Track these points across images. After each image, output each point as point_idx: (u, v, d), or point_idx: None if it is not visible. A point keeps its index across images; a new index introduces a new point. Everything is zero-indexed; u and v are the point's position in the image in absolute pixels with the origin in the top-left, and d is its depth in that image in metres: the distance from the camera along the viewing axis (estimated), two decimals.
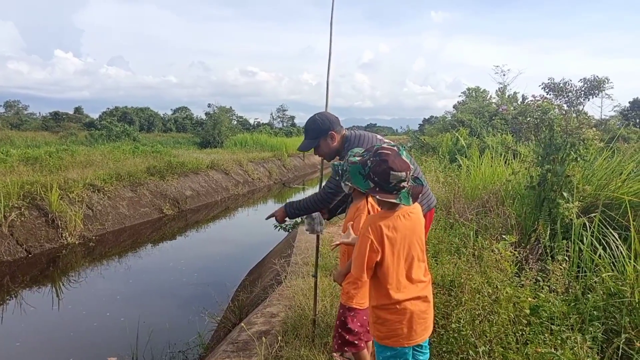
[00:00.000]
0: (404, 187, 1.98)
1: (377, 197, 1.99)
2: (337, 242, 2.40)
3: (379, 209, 2.19)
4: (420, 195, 2.09)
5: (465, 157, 10.18)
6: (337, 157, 3.03)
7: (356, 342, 2.61)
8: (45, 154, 13.14)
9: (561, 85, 17.77)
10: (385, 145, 2.05)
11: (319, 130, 2.97)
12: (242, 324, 3.57)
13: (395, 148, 2.02)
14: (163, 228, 11.54)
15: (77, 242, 9.21)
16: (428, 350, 2.26)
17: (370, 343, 2.75)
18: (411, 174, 2.00)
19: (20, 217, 8.65)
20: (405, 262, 2.08)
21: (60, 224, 9.12)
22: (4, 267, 7.71)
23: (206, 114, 33.48)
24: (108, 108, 35.08)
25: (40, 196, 9.25)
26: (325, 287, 4.07)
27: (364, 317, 2.60)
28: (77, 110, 37.13)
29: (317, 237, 3.31)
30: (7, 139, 20.56)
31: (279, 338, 3.18)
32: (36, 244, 8.56)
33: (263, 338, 3.07)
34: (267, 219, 3.30)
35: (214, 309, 5.56)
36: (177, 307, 6.33)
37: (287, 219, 3.19)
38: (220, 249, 9.92)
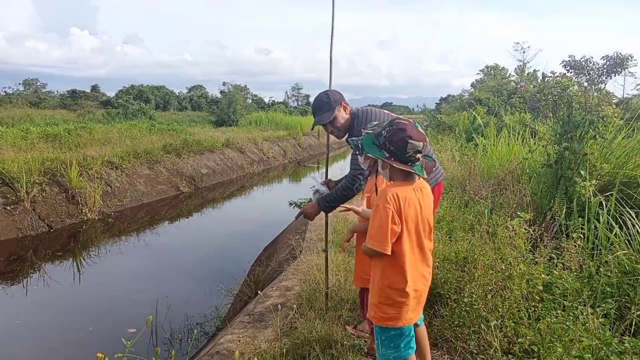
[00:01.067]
0: (418, 159, 1.99)
1: (394, 165, 1.99)
2: (347, 206, 2.42)
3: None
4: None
5: (482, 136, 10.07)
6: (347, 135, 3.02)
7: None
8: (64, 132, 13.33)
9: (582, 62, 17.33)
10: (400, 117, 2.07)
11: (333, 102, 2.96)
12: (260, 294, 3.65)
13: (411, 120, 2.04)
14: (180, 205, 11.71)
15: (96, 218, 9.41)
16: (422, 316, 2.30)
17: None
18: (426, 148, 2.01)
19: (41, 192, 8.86)
20: (417, 237, 2.08)
21: (80, 200, 9.32)
22: (27, 242, 7.94)
23: (221, 92, 33.54)
24: (124, 86, 35.21)
25: (60, 173, 9.45)
26: (340, 262, 4.13)
27: None
28: (94, 88, 37.40)
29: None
30: (27, 116, 20.84)
31: (294, 310, 3.26)
32: (57, 219, 8.77)
33: (278, 309, 3.15)
34: (296, 218, 3.27)
35: (230, 284, 5.68)
36: (195, 282, 6.47)
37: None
38: (236, 226, 10.05)
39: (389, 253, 1.99)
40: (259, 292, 3.65)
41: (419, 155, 1.98)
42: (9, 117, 19.66)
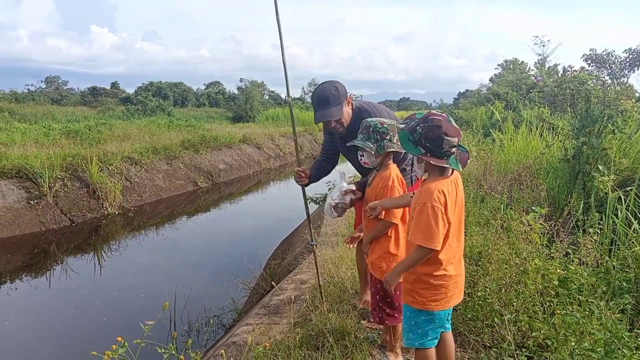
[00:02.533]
0: (453, 152, 2.01)
1: (431, 162, 2.00)
2: (375, 211, 2.44)
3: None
4: None
5: (500, 131, 9.97)
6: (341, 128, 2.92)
7: (397, 315, 2.61)
8: (85, 128, 13.62)
9: (604, 56, 16.98)
10: (434, 112, 2.07)
11: (341, 95, 2.84)
12: (275, 286, 3.70)
13: (445, 114, 2.04)
14: (197, 200, 11.86)
15: (116, 213, 9.60)
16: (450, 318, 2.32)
17: None
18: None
19: (63, 187, 9.07)
20: (454, 228, 2.09)
21: (101, 194, 9.51)
22: (50, 235, 8.15)
23: (238, 88, 33.70)
24: (143, 83, 35.72)
25: (81, 168, 9.66)
26: (354, 256, 4.15)
27: None
28: (114, 85, 38.01)
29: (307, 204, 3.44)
30: (49, 113, 21.30)
31: (306, 302, 3.31)
32: (79, 213, 8.98)
33: (292, 301, 3.20)
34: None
35: (247, 277, 5.75)
36: (212, 275, 6.57)
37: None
38: (253, 220, 10.14)
39: (439, 248, 2.00)
40: (273, 283, 3.71)
41: (454, 150, 2.00)
42: (31, 114, 20.12)
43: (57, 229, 8.40)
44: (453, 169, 2.06)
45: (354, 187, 2.87)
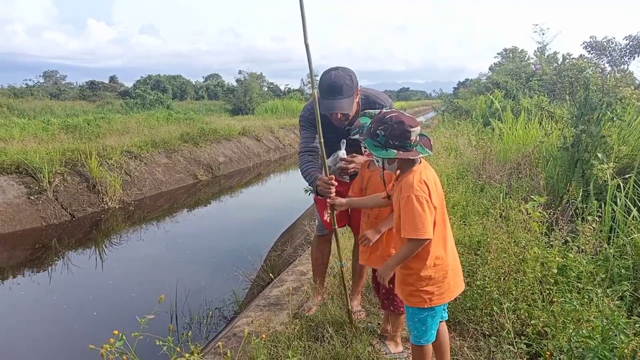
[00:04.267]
0: (416, 140, 2.02)
1: (402, 157, 2.00)
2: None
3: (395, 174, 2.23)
4: None
5: (499, 120, 9.95)
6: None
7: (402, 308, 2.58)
8: (83, 122, 13.58)
9: (604, 43, 16.89)
10: (386, 110, 2.06)
11: (354, 87, 2.62)
12: (272, 278, 3.72)
13: (395, 108, 2.06)
14: (198, 193, 11.87)
15: (117, 207, 9.61)
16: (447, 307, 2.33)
17: None
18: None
19: (63, 182, 9.07)
20: (439, 212, 2.08)
21: (101, 189, 9.52)
22: (51, 230, 8.17)
23: (237, 80, 33.60)
24: (142, 77, 35.59)
25: (81, 163, 9.66)
26: (352, 247, 4.17)
27: None
28: (112, 79, 37.87)
29: None
30: (48, 108, 21.24)
31: (305, 293, 3.32)
32: (79, 208, 8.99)
33: (290, 292, 3.21)
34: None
35: (247, 269, 5.77)
36: (213, 268, 6.59)
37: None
38: (253, 213, 10.16)
39: (431, 237, 2.00)
40: (272, 275, 3.72)
41: (417, 138, 2.02)
42: (30, 109, 20.06)
43: (57, 223, 8.41)
44: (423, 155, 2.07)
45: (345, 155, 2.73)
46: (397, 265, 2.13)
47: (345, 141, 2.72)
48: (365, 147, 2.51)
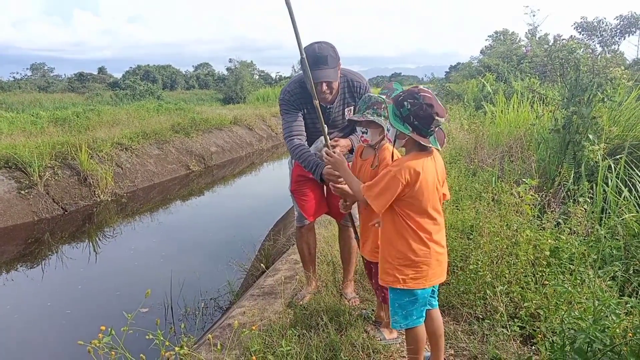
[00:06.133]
0: (434, 131, 1.99)
1: (414, 138, 1.97)
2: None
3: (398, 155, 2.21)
4: None
5: (491, 103, 9.94)
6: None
7: None
8: (73, 115, 13.43)
9: (595, 24, 16.87)
10: (422, 87, 2.01)
11: (337, 59, 2.67)
12: (266, 270, 3.71)
13: (431, 91, 2.00)
14: (190, 184, 11.81)
15: (109, 199, 9.54)
16: (437, 297, 2.32)
17: None
18: None
19: (54, 176, 8.98)
20: (430, 204, 2.08)
21: (92, 182, 9.43)
22: (43, 225, 8.10)
23: (227, 69, 33.39)
24: (131, 67, 35.25)
25: (71, 156, 9.56)
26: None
27: None
28: (101, 70, 37.44)
29: None
30: (36, 101, 21.00)
31: (302, 282, 3.31)
32: (71, 201, 8.92)
33: (283, 281, 3.20)
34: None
35: (242, 259, 5.76)
36: (207, 259, 6.58)
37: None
38: (247, 202, 10.13)
39: (377, 210, 2.08)
40: (262, 266, 3.72)
41: (436, 129, 1.99)
42: (19, 103, 19.82)
43: (49, 218, 8.35)
44: (433, 147, 2.04)
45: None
46: (349, 184, 2.34)
47: (326, 126, 2.70)
48: (365, 132, 2.47)
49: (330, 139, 2.70)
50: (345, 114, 2.90)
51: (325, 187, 3.03)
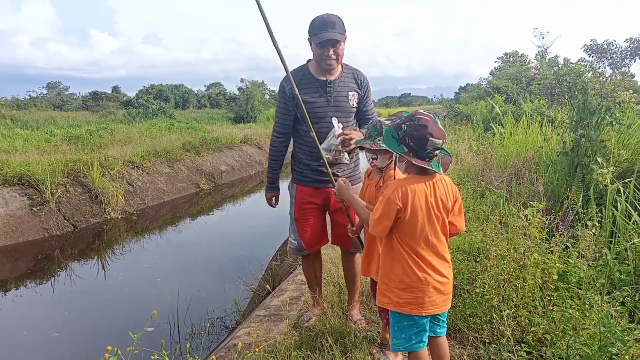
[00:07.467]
0: (436, 155, 2.00)
1: (412, 162, 1.99)
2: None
3: (399, 175, 2.22)
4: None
5: (500, 125, 9.95)
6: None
7: None
8: (86, 133, 13.66)
9: (604, 46, 16.88)
10: (421, 111, 2.05)
11: (344, 29, 2.72)
12: (272, 291, 3.71)
13: (431, 114, 2.02)
14: (200, 202, 11.88)
15: (119, 217, 9.63)
16: (445, 325, 2.27)
17: None
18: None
19: (65, 193, 9.11)
20: (427, 231, 2.06)
21: (103, 199, 9.55)
22: (53, 241, 8.18)
23: (239, 89, 33.76)
24: (144, 86, 35.76)
25: (83, 173, 9.70)
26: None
27: None
28: (115, 89, 38.05)
29: None
30: (51, 119, 21.38)
31: (302, 301, 3.31)
32: (82, 218, 9.01)
33: (287, 302, 3.20)
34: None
35: (249, 279, 5.77)
36: (215, 277, 6.59)
37: None
38: (255, 221, 10.15)
39: (375, 234, 2.14)
40: (268, 287, 3.72)
41: (436, 152, 2.00)
42: (33, 120, 20.19)
43: (60, 235, 8.44)
44: (434, 171, 2.04)
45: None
46: (354, 208, 2.42)
47: (336, 118, 2.79)
48: (375, 158, 2.51)
49: (342, 127, 2.80)
50: (349, 97, 2.94)
51: (329, 216, 3.12)
